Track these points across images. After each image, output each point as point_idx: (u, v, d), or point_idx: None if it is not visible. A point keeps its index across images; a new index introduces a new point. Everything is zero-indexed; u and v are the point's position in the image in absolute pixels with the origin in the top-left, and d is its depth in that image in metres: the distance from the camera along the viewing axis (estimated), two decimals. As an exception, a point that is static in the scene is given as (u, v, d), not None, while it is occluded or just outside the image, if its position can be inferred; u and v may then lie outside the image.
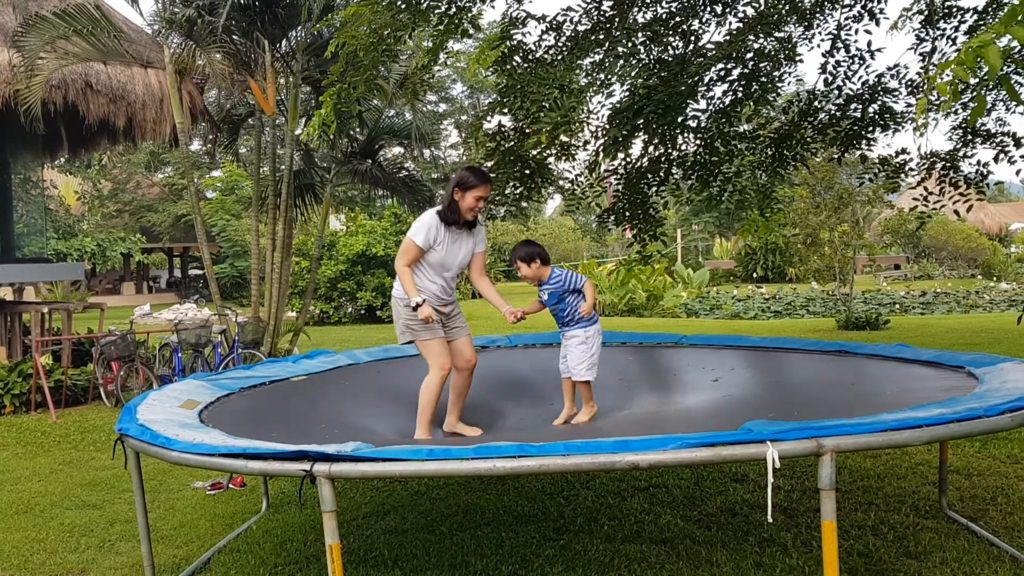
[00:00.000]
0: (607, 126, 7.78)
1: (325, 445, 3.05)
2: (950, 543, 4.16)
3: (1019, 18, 2.80)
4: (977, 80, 6.48)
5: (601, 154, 8.15)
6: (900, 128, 8.42)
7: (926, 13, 8.59)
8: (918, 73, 8.55)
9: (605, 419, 4.96)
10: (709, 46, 7.83)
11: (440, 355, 4.79)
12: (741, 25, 7.87)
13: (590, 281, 4.95)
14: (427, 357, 4.83)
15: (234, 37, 10.78)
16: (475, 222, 4.92)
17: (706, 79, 7.71)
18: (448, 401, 5.02)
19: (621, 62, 6.86)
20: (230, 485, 5.87)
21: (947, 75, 2.99)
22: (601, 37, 7.61)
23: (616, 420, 4.97)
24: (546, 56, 8.01)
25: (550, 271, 4.92)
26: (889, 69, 8.54)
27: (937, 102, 7.22)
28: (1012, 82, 6.98)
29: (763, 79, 7.49)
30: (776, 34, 7.61)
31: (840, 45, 8.55)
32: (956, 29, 8.37)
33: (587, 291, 4.86)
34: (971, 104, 7.97)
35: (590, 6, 8.17)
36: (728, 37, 7.78)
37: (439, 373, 4.76)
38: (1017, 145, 7.95)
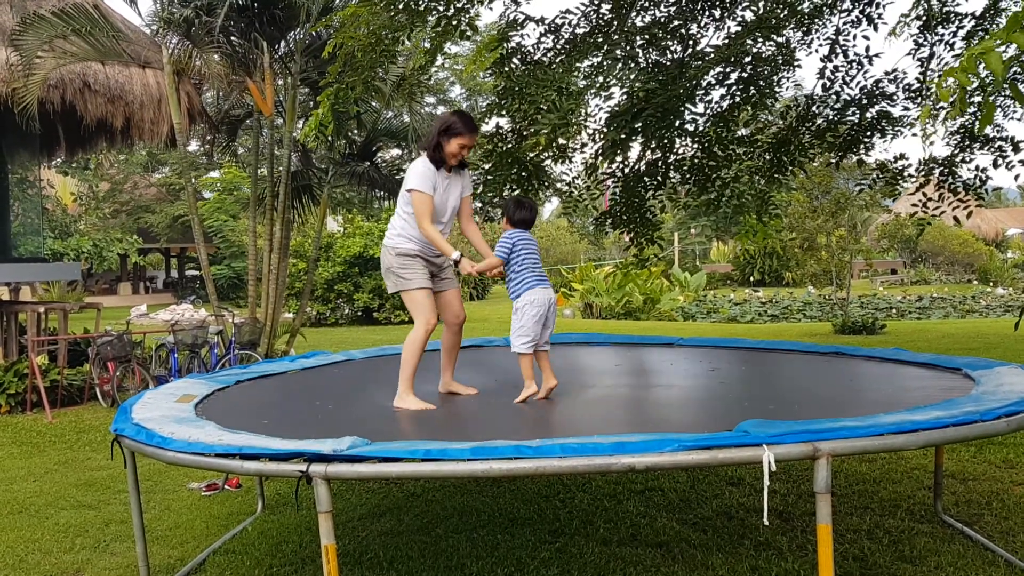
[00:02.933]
0: (605, 129, 7.79)
1: (321, 442, 3.05)
2: (945, 548, 4.17)
3: (1023, 24, 2.81)
4: (978, 85, 6.49)
5: (599, 157, 8.17)
6: (898, 133, 8.44)
7: (924, 19, 8.62)
8: (917, 78, 8.57)
9: (600, 420, 4.95)
10: (708, 50, 7.84)
11: (427, 309, 4.63)
12: (740, 29, 7.89)
13: (489, 261, 4.60)
14: (413, 310, 4.66)
15: (232, 38, 10.78)
16: (464, 164, 4.79)
17: (704, 83, 7.73)
18: (441, 363, 4.92)
19: (619, 65, 6.86)
20: (225, 486, 5.86)
21: (951, 82, 3.00)
22: (599, 40, 7.62)
23: (610, 421, 4.96)
24: (544, 59, 8.03)
25: (511, 231, 4.65)
26: (887, 74, 8.56)
27: (943, 108, 7.23)
28: (1019, 87, 6.98)
29: (761, 84, 7.50)
30: (775, 39, 7.63)
31: (839, 50, 8.58)
32: (954, 35, 8.40)
33: (481, 265, 4.59)
34: (975, 111, 7.98)
35: (588, 9, 8.18)
36: (726, 41, 7.80)
37: (424, 327, 4.59)
38: (1015, 150, 7.96)
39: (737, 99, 7.77)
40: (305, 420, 4.19)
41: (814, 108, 8.81)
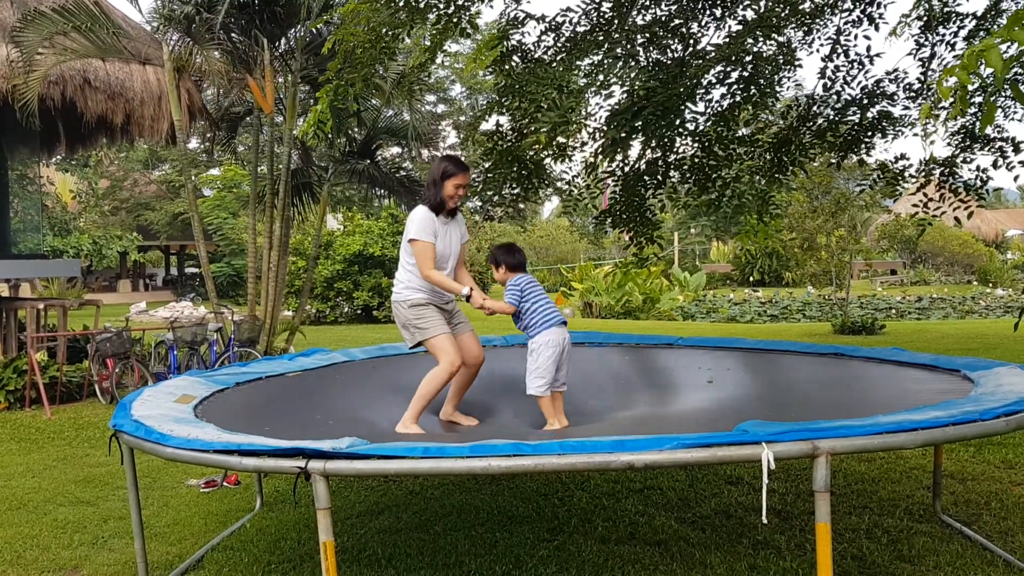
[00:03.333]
0: (605, 127, 7.78)
1: (320, 441, 3.05)
2: (944, 547, 4.17)
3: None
4: (979, 85, 6.49)
5: (599, 155, 8.16)
6: (899, 134, 8.43)
7: (925, 19, 8.61)
8: (918, 78, 8.57)
9: (600, 419, 4.95)
10: (708, 49, 7.84)
11: (451, 351, 4.68)
12: (740, 28, 7.89)
13: (504, 304, 4.68)
14: (437, 355, 4.71)
15: (233, 35, 10.77)
16: (456, 211, 4.88)
17: (704, 82, 7.72)
18: (448, 392, 4.97)
19: (620, 63, 6.85)
20: (224, 483, 5.86)
21: (952, 80, 2.99)
22: (600, 38, 7.61)
23: (611, 420, 4.97)
24: (545, 57, 8.02)
25: (515, 278, 4.77)
26: (888, 74, 8.55)
27: (943, 107, 7.23)
28: (1020, 86, 6.97)
29: (762, 83, 7.50)
30: (776, 38, 7.63)
31: (840, 50, 8.57)
32: (955, 35, 8.39)
33: (494, 304, 4.67)
34: (974, 110, 7.97)
35: (589, 7, 8.18)
36: (727, 40, 7.79)
37: (449, 368, 4.64)
38: (1016, 151, 7.96)
39: (738, 98, 7.76)
40: (306, 428, 4.18)
41: (815, 108, 8.80)
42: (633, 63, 7.38)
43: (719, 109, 8.11)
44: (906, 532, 4.42)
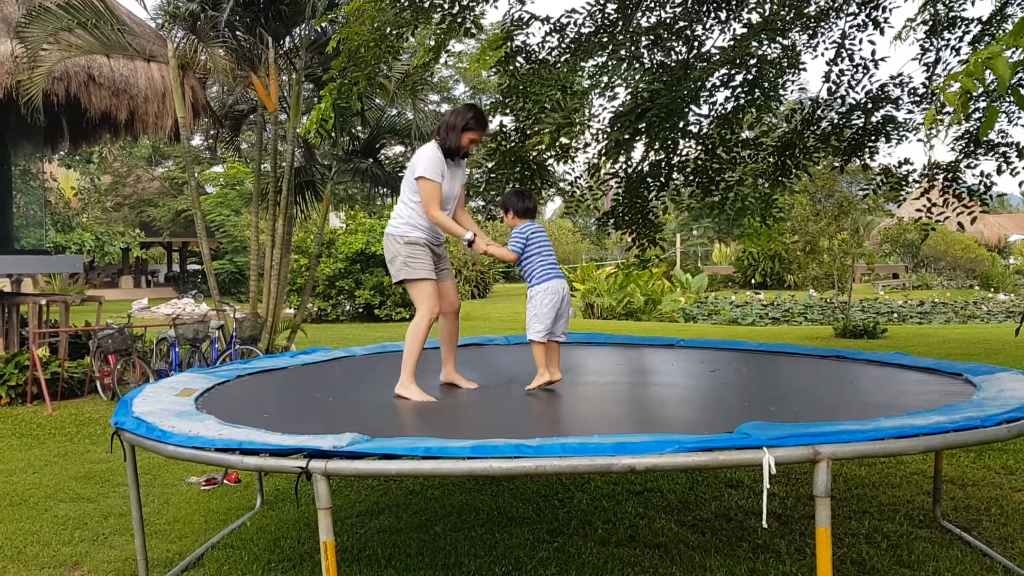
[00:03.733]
0: (609, 129, 7.79)
1: (321, 438, 3.05)
2: (943, 553, 4.16)
3: None
4: (983, 91, 6.48)
5: (603, 157, 8.16)
6: (903, 138, 8.43)
7: (930, 23, 8.61)
8: (922, 83, 8.56)
9: (601, 420, 4.95)
10: (713, 51, 7.84)
11: (432, 297, 4.68)
12: (745, 31, 7.89)
13: (506, 250, 4.67)
14: (417, 299, 4.70)
15: (237, 33, 10.77)
16: (466, 155, 4.86)
17: (708, 84, 7.72)
18: (441, 353, 4.96)
19: (624, 65, 6.86)
20: (225, 481, 5.87)
21: (955, 86, 2.99)
22: (604, 40, 7.62)
23: (610, 421, 4.96)
24: (549, 58, 8.02)
25: (522, 224, 4.71)
26: (892, 78, 8.55)
27: (944, 113, 7.23)
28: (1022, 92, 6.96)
29: (766, 86, 7.50)
30: (780, 41, 7.62)
31: (844, 54, 8.57)
32: (960, 40, 8.38)
33: (497, 250, 4.69)
34: (977, 116, 7.96)
35: (594, 8, 8.18)
36: (732, 43, 7.79)
37: (428, 316, 4.65)
38: (1020, 156, 7.95)
39: (742, 101, 7.76)
40: (305, 414, 4.19)
41: (819, 112, 8.80)
42: (637, 65, 7.38)
43: (723, 112, 8.11)
44: (906, 537, 4.42)
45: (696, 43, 8.35)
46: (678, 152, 8.59)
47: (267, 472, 5.15)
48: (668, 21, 8.39)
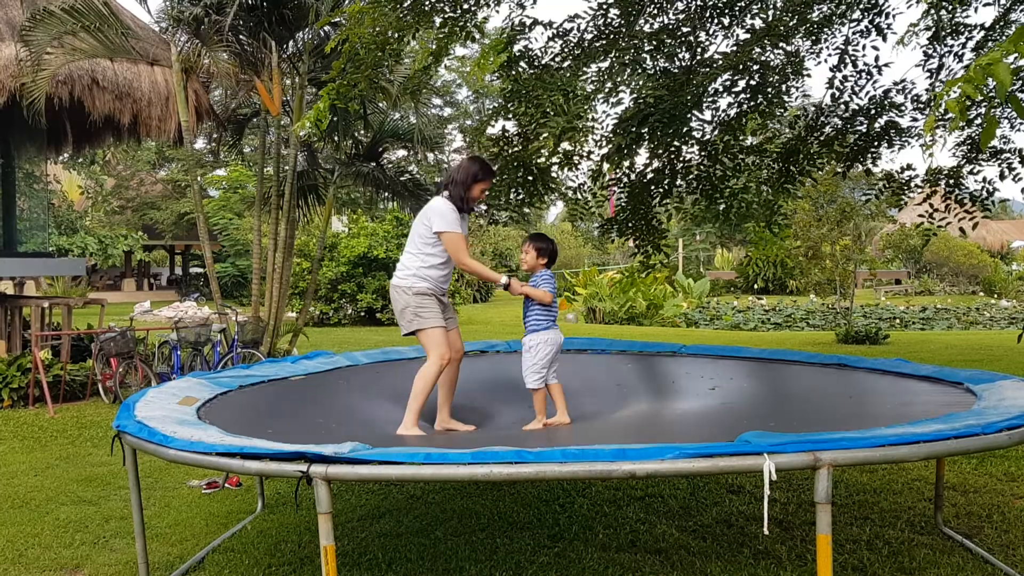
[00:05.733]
0: (612, 134, 7.79)
1: (322, 446, 3.05)
2: (944, 559, 4.16)
3: None
4: (983, 98, 6.47)
5: (605, 163, 8.16)
6: (906, 144, 8.42)
7: (933, 30, 8.60)
8: (926, 89, 8.56)
9: (602, 426, 4.96)
10: (716, 57, 7.84)
11: (442, 345, 4.80)
12: (748, 37, 7.89)
13: (544, 291, 4.89)
14: (429, 347, 4.82)
15: (241, 37, 10.79)
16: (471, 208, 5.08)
17: (711, 90, 7.72)
18: (438, 399, 5.01)
19: (628, 70, 6.86)
20: (226, 484, 5.87)
21: (955, 92, 2.99)
22: (607, 45, 7.62)
23: (613, 427, 4.97)
24: (552, 63, 8.02)
25: (546, 271, 5.00)
26: (895, 84, 8.55)
27: (946, 119, 7.22)
28: (1021, 100, 6.96)
29: (769, 92, 7.50)
30: (783, 47, 7.62)
31: (848, 60, 8.56)
32: (963, 46, 8.37)
33: (533, 291, 4.89)
34: (978, 122, 7.96)
35: (597, 14, 8.18)
36: (735, 48, 7.80)
37: (439, 363, 4.77)
38: (1022, 162, 7.94)
39: (745, 107, 7.76)
40: (308, 432, 4.19)
41: (822, 118, 8.80)
42: (640, 70, 7.38)
43: (726, 118, 8.11)
44: (907, 544, 4.41)
45: (699, 49, 8.36)
46: (681, 158, 8.58)
47: (268, 476, 5.16)
48: (671, 27, 8.40)
